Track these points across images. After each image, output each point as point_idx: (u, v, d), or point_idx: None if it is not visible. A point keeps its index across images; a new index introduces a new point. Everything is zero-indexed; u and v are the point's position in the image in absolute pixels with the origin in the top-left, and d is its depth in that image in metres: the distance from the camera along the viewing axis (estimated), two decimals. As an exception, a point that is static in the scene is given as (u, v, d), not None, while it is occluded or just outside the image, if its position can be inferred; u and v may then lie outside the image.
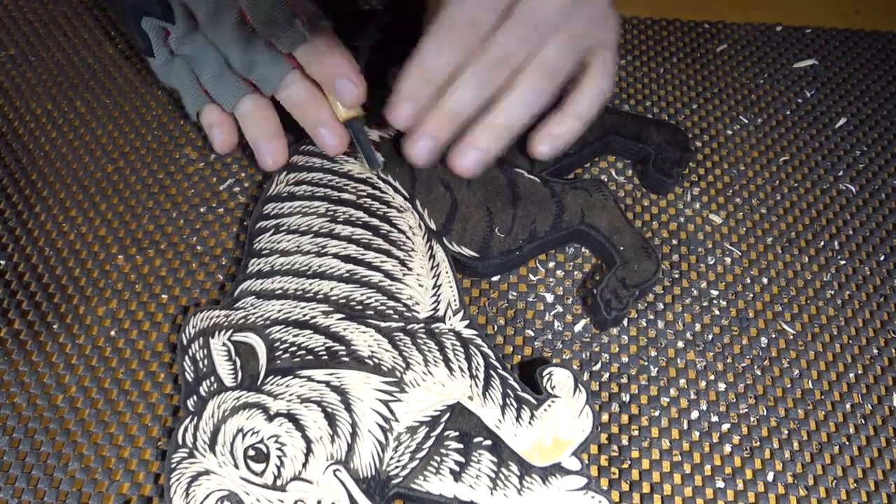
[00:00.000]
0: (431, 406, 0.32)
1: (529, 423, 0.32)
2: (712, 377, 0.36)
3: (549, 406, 0.32)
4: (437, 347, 0.34)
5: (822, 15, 0.51)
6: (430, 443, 0.32)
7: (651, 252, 0.37)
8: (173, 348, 0.36)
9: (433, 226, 0.38)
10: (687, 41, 0.49)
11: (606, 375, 0.36)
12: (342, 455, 0.31)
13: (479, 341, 0.34)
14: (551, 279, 0.39)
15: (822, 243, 0.40)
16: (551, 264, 0.39)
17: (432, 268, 0.37)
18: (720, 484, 0.33)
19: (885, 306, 0.38)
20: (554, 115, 0.37)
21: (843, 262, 0.39)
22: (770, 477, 0.33)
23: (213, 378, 0.33)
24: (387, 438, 0.32)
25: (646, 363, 0.36)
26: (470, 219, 0.38)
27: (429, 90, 0.34)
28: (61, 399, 0.34)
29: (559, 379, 0.33)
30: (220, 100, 0.39)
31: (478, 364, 0.34)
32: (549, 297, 0.38)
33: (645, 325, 0.37)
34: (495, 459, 0.31)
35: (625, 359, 0.36)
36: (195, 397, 0.32)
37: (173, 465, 0.31)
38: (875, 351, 0.37)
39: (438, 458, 0.32)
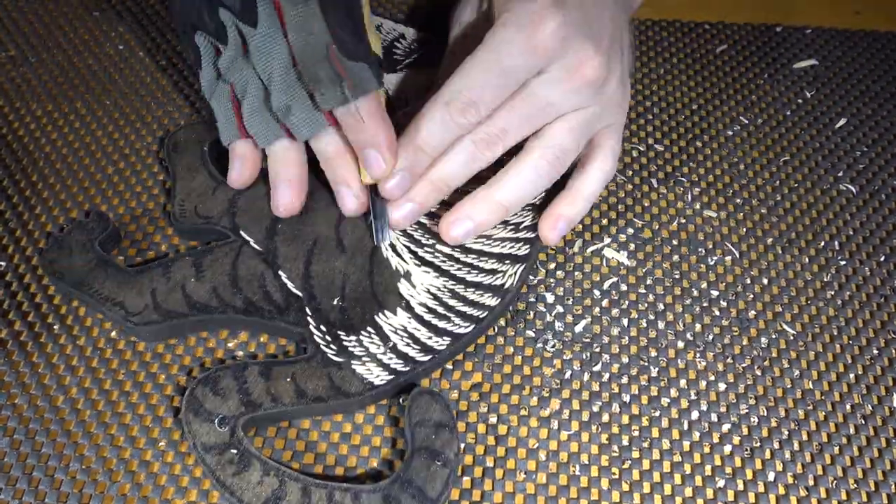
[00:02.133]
0: None
1: None
2: (713, 378, 0.36)
3: None
4: None
5: (822, 15, 0.51)
6: None
7: None
8: (174, 349, 0.36)
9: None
10: (687, 41, 0.49)
11: (607, 376, 0.36)
12: None
13: None
14: (552, 280, 0.39)
15: (823, 244, 0.40)
16: (552, 265, 0.39)
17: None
18: (720, 484, 0.33)
19: (885, 307, 0.38)
20: (562, 197, 0.37)
21: (843, 263, 0.39)
22: (770, 477, 0.33)
23: None
24: None
25: (646, 364, 0.36)
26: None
27: (423, 163, 0.36)
28: (62, 400, 0.34)
29: None
30: (254, 135, 0.37)
31: None
32: (550, 298, 0.38)
33: (645, 325, 0.37)
34: None
35: (625, 359, 0.36)
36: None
37: None
38: (875, 351, 0.37)
39: None
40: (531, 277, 0.39)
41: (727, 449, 0.34)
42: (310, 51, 0.33)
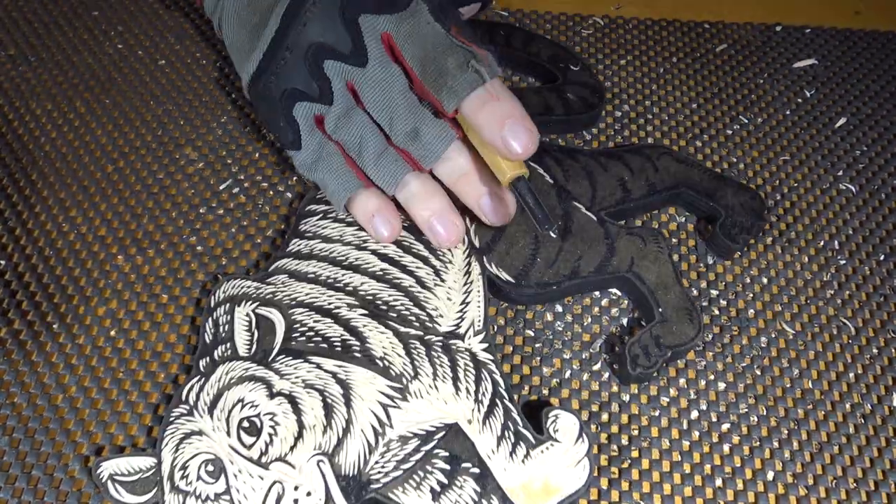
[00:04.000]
0: (429, 421, 0.32)
1: (522, 461, 0.31)
2: (712, 377, 0.36)
3: (547, 449, 0.32)
4: (449, 364, 0.34)
5: (822, 15, 0.51)
6: (418, 456, 0.31)
7: (695, 316, 0.35)
8: (173, 348, 0.36)
9: (477, 242, 0.37)
10: (687, 41, 0.49)
11: (606, 375, 0.36)
12: (330, 447, 0.31)
13: (492, 367, 0.34)
14: (551, 279, 0.39)
15: (822, 243, 0.40)
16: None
17: (465, 284, 0.36)
18: (719, 483, 0.33)
19: (884, 306, 0.38)
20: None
21: (842, 262, 0.39)
22: (770, 476, 0.33)
23: (228, 344, 0.33)
24: (377, 442, 0.32)
25: (646, 363, 0.36)
26: (515, 243, 0.37)
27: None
28: (61, 399, 0.34)
29: (564, 424, 0.32)
30: (381, 181, 0.35)
31: (486, 389, 0.33)
32: (549, 297, 0.38)
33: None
34: (478, 489, 0.31)
35: (625, 359, 0.36)
36: (208, 359, 0.33)
37: (171, 419, 0.32)
38: (875, 350, 0.37)
39: (422, 474, 0.31)
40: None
41: (726, 448, 0.34)
42: (431, 49, 0.33)
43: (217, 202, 0.41)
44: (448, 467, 0.31)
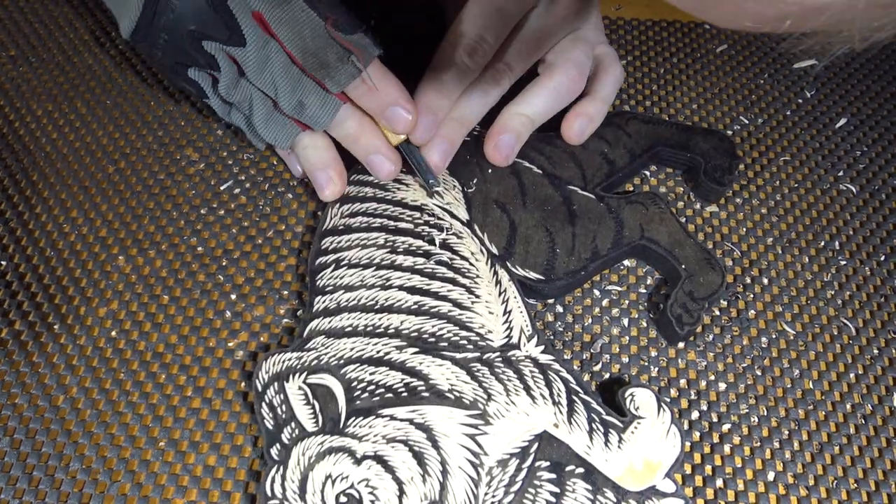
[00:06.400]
0: (518, 437, 0.32)
1: (618, 446, 0.31)
2: (713, 377, 0.36)
3: (636, 428, 0.32)
4: (516, 376, 0.33)
5: (823, 15, 0.51)
6: (522, 475, 0.31)
7: (715, 263, 0.37)
8: (174, 349, 0.36)
9: (495, 250, 0.37)
10: (687, 42, 0.49)
11: (607, 376, 0.36)
12: (436, 494, 0.30)
13: (557, 366, 0.34)
14: (552, 279, 0.39)
15: (823, 244, 0.40)
16: (552, 265, 0.39)
17: (500, 294, 0.36)
18: (720, 484, 0.33)
19: (885, 307, 0.38)
20: (582, 100, 0.40)
21: (843, 263, 0.39)
22: (770, 477, 0.33)
23: (293, 424, 0.32)
24: (478, 474, 0.31)
25: (647, 363, 0.36)
26: (531, 240, 0.37)
27: (443, 107, 0.38)
28: (62, 399, 0.34)
29: (642, 399, 0.33)
30: (273, 142, 0.38)
31: (559, 390, 0.33)
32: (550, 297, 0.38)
33: (646, 325, 0.37)
34: (590, 487, 0.31)
35: (625, 359, 0.36)
36: (278, 445, 0.32)
37: None
38: (875, 351, 0.37)
39: (533, 491, 0.31)
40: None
41: (727, 449, 0.34)
42: (310, 41, 0.35)
43: (218, 203, 0.41)
44: (554, 476, 0.31)
